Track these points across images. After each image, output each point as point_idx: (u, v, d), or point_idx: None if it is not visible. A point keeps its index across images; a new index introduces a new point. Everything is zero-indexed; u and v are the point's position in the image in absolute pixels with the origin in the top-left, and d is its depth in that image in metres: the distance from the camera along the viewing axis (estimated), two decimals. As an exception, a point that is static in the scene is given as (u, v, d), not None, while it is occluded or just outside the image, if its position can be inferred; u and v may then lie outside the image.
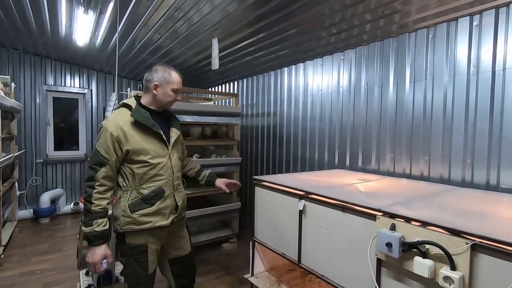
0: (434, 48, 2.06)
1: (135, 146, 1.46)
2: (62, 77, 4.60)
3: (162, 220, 1.52)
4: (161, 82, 1.52)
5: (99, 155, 1.42)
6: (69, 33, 3.25)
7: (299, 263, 1.65)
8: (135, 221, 1.46)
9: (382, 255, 1.18)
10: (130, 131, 1.46)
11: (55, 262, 2.96)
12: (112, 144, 1.42)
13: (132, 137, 1.45)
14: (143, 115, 1.48)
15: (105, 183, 1.43)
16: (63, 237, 3.68)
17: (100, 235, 1.40)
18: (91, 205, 1.39)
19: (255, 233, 2.03)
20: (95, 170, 1.42)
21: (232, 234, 3.45)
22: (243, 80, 4.15)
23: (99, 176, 1.41)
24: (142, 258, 1.49)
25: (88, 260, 1.41)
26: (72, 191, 4.75)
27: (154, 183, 1.50)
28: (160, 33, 2.91)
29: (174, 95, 1.56)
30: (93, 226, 1.39)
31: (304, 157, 3.10)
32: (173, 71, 1.55)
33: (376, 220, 1.21)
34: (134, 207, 1.46)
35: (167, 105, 1.60)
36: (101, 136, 1.44)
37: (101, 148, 1.42)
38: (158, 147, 1.52)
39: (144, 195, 1.48)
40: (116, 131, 1.43)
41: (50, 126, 4.58)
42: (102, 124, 1.47)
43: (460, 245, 0.96)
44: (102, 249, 1.42)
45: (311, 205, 1.58)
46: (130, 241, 1.48)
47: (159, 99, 1.54)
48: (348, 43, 2.57)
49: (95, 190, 1.40)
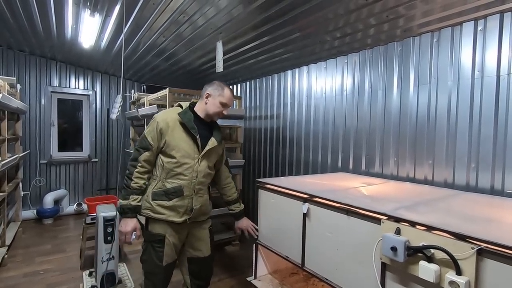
0: (438, 52, 2.06)
1: (171, 140, 1.63)
2: (67, 78, 4.64)
3: (175, 217, 1.65)
4: (213, 94, 1.70)
5: (145, 140, 1.63)
6: (75, 35, 3.29)
7: (302, 266, 1.65)
8: (152, 209, 1.64)
9: (387, 259, 1.17)
10: (173, 126, 1.64)
11: (58, 263, 2.97)
12: (157, 133, 1.62)
13: (173, 132, 1.63)
14: (187, 117, 1.66)
15: (145, 165, 1.63)
16: (66, 237, 3.70)
17: (134, 209, 1.60)
18: (131, 181, 1.61)
19: (259, 236, 2.03)
20: (139, 152, 1.63)
21: (235, 236, 3.45)
22: (246, 83, 4.17)
23: (142, 158, 1.61)
24: (159, 247, 1.64)
25: (121, 229, 1.60)
26: (76, 192, 4.77)
27: (177, 180, 1.65)
28: (164, 36, 2.93)
29: (221, 108, 1.71)
30: (129, 200, 1.59)
31: (307, 160, 3.10)
32: (226, 87, 1.73)
33: (381, 224, 1.21)
34: (155, 196, 1.64)
35: (213, 117, 1.74)
36: (151, 125, 1.66)
37: (148, 135, 1.63)
38: (190, 149, 1.66)
39: (167, 188, 1.64)
40: (162, 123, 1.63)
41: (54, 127, 4.61)
42: (154, 116, 1.69)
43: (466, 250, 0.96)
44: (134, 221, 1.62)
45: (315, 208, 1.58)
46: (151, 228, 1.66)
47: (208, 108, 1.71)
48: (352, 47, 2.58)
49: (136, 170, 1.61)
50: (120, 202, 1.61)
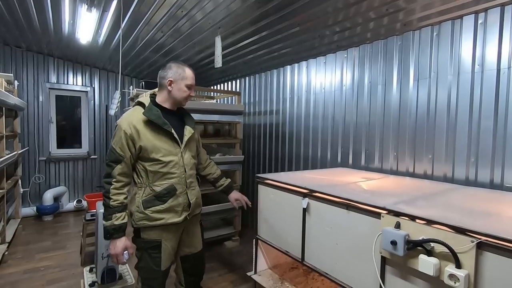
0: (438, 46, 2.05)
1: (146, 144, 1.50)
2: (65, 75, 4.61)
3: (174, 217, 1.56)
4: (176, 78, 1.56)
5: (114, 152, 1.48)
6: (72, 31, 3.26)
7: (302, 261, 1.66)
8: (148, 217, 1.51)
9: (386, 253, 1.18)
10: (142, 129, 1.50)
11: (58, 259, 2.98)
12: (126, 142, 1.47)
13: (144, 135, 1.50)
14: (154, 114, 1.51)
15: (121, 179, 1.48)
16: (66, 234, 3.70)
17: (119, 228, 1.45)
18: (109, 200, 1.45)
19: (258, 231, 2.03)
20: (111, 167, 1.47)
21: (234, 232, 3.45)
22: (245, 78, 4.15)
23: (115, 172, 1.46)
24: (156, 253, 1.54)
25: (110, 252, 1.47)
26: (75, 188, 4.77)
27: (166, 180, 1.54)
28: (162, 31, 2.91)
29: (188, 91, 1.60)
30: (112, 220, 1.44)
31: (307, 156, 3.10)
32: (186, 67, 1.59)
33: (381, 218, 1.22)
34: (147, 203, 1.52)
35: (182, 102, 1.63)
36: (116, 134, 1.50)
37: (116, 146, 1.48)
38: (169, 146, 1.56)
39: (157, 192, 1.52)
40: (130, 129, 1.48)
41: (53, 124, 4.60)
42: (117, 123, 1.53)
43: (466, 243, 0.96)
44: (122, 241, 1.47)
45: (315, 203, 1.58)
46: (145, 236, 1.54)
47: (174, 96, 1.58)
48: (352, 41, 2.56)
49: (112, 186, 1.46)
50: (103, 224, 1.46)
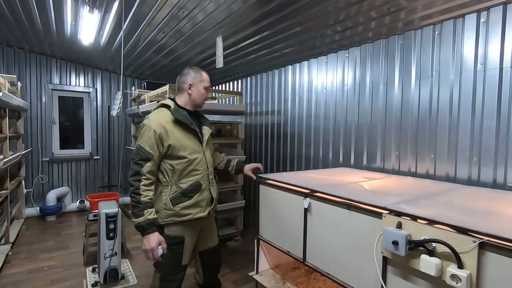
0: (440, 45, 2.04)
1: (175, 142, 1.60)
2: (68, 76, 4.63)
3: (200, 212, 1.67)
4: (195, 82, 1.71)
5: (144, 151, 1.54)
6: (74, 32, 3.27)
7: (304, 261, 1.65)
8: (176, 213, 1.61)
9: (388, 253, 1.17)
10: (171, 128, 1.60)
11: (62, 259, 2.99)
12: (156, 141, 1.55)
13: (173, 134, 1.60)
14: (182, 114, 1.64)
15: (149, 177, 1.55)
16: (70, 234, 3.72)
17: (152, 223, 1.50)
18: (140, 196, 1.50)
19: (260, 231, 2.03)
20: (140, 165, 1.53)
21: (237, 232, 3.46)
22: (247, 79, 4.15)
23: (145, 170, 1.53)
24: (178, 249, 1.63)
25: (146, 247, 1.49)
26: (78, 189, 4.79)
27: (192, 177, 1.65)
28: (164, 32, 2.91)
29: (206, 93, 1.75)
30: (145, 215, 1.48)
31: (309, 155, 3.10)
32: (202, 71, 1.75)
33: (382, 218, 1.21)
34: (175, 200, 1.61)
35: (200, 103, 1.77)
36: (145, 134, 1.56)
37: (145, 145, 1.54)
38: (194, 144, 1.68)
39: (183, 189, 1.63)
40: (159, 129, 1.56)
41: (55, 125, 4.62)
42: (145, 123, 1.60)
43: (468, 243, 0.95)
44: (156, 235, 1.51)
45: (316, 203, 1.58)
46: (169, 232, 1.61)
47: (194, 98, 1.72)
48: (353, 41, 2.56)
49: (142, 183, 1.52)
50: (135, 221, 1.49)
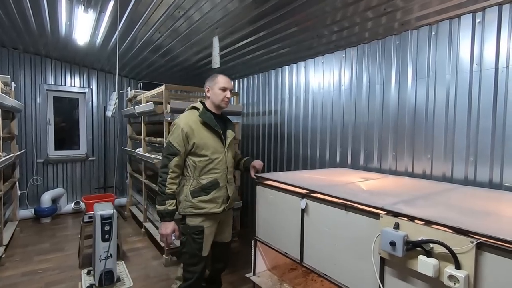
0: (436, 46, 2.04)
1: (199, 141, 1.77)
2: (62, 76, 4.59)
3: (215, 208, 1.81)
4: (211, 85, 1.87)
5: (172, 147, 1.74)
6: (69, 32, 3.24)
7: (301, 262, 1.65)
8: (194, 206, 1.78)
9: (385, 254, 1.17)
10: (197, 128, 1.78)
11: (57, 262, 2.96)
12: (183, 138, 1.74)
13: (198, 134, 1.77)
14: (207, 116, 1.81)
15: (176, 170, 1.75)
16: (65, 236, 3.68)
17: (171, 213, 1.73)
18: (165, 187, 1.72)
19: (257, 232, 2.02)
20: (169, 159, 1.73)
21: (234, 232, 3.43)
22: (244, 79, 4.14)
23: (172, 164, 1.73)
24: (199, 238, 1.78)
25: (161, 232, 1.75)
26: (73, 190, 4.75)
27: (211, 175, 1.80)
28: (160, 31, 2.89)
29: (223, 93, 1.85)
30: (166, 205, 1.72)
31: (306, 156, 3.09)
32: (219, 75, 1.89)
33: (380, 219, 1.21)
34: (194, 193, 1.78)
35: (221, 104, 1.87)
36: (175, 131, 1.77)
37: (174, 141, 1.75)
38: (217, 145, 1.83)
39: (203, 184, 1.79)
40: (186, 128, 1.75)
41: (50, 126, 4.58)
42: (176, 122, 1.81)
43: (465, 243, 0.95)
44: (172, 224, 1.75)
45: (313, 204, 1.57)
46: (190, 222, 1.79)
47: (213, 100, 1.87)
48: (350, 41, 2.56)
49: (169, 176, 1.72)
50: (157, 208, 1.73)
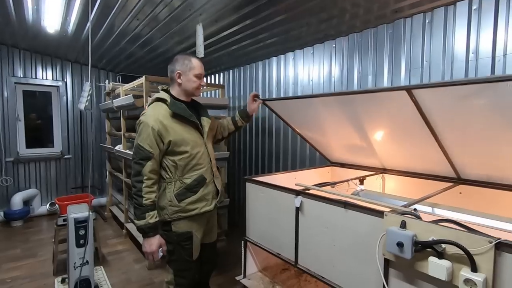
0: (431, 34, 1.97)
1: (176, 137, 1.53)
2: (33, 68, 4.26)
3: (206, 206, 1.63)
4: (183, 70, 1.59)
5: (143, 150, 1.48)
6: (37, 19, 2.96)
7: (296, 264, 1.54)
8: (183, 209, 1.56)
9: (391, 255, 1.07)
10: (170, 124, 1.53)
11: (28, 269, 2.72)
12: (155, 138, 1.49)
13: (172, 129, 1.53)
14: (179, 107, 1.57)
15: (151, 176, 1.50)
16: (39, 240, 3.43)
17: (154, 227, 1.50)
18: (142, 199, 1.47)
19: (247, 232, 1.90)
20: (141, 165, 1.48)
21: (221, 232, 3.30)
22: (230, 71, 3.98)
23: (146, 170, 1.48)
24: (188, 244, 1.60)
25: (146, 250, 1.52)
26: (48, 191, 4.45)
27: (196, 172, 1.60)
28: (138, 18, 2.68)
29: (198, 81, 1.62)
30: (147, 219, 1.47)
31: (295, 151, 2.99)
32: (193, 57, 1.63)
33: (384, 217, 1.11)
34: (180, 196, 1.56)
35: (194, 92, 1.66)
36: (143, 131, 1.50)
37: (144, 143, 1.49)
38: (195, 137, 1.61)
39: (188, 184, 1.57)
40: (157, 125, 1.49)
41: (20, 122, 4.24)
42: (142, 120, 1.53)
43: (482, 244, 0.86)
44: (157, 238, 1.52)
45: (309, 201, 1.46)
46: (177, 228, 1.58)
47: (185, 87, 1.62)
48: (340, 30, 2.45)
49: (144, 184, 1.48)
50: (136, 224, 1.50)
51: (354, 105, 1.59)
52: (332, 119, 1.82)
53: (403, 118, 1.45)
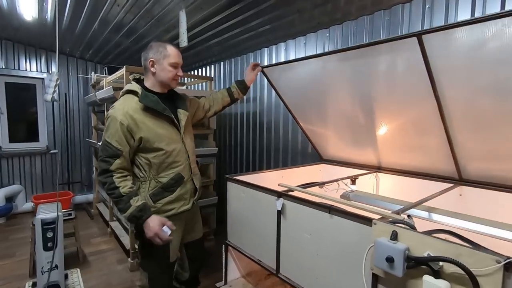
0: (431, 21, 1.80)
1: (148, 133, 1.39)
2: (15, 59, 4.07)
3: (184, 206, 1.51)
4: (157, 58, 1.44)
5: (111, 147, 1.34)
6: (12, 4, 2.78)
7: (277, 273, 1.39)
8: (158, 210, 1.43)
9: (380, 271, 0.92)
10: (140, 118, 1.38)
11: (4, 270, 2.58)
12: (124, 134, 1.35)
13: (144, 124, 1.39)
14: (151, 100, 1.40)
15: (121, 171, 1.37)
16: (19, 239, 3.28)
17: (144, 208, 1.34)
18: (118, 189, 1.33)
19: (228, 235, 1.75)
20: (108, 163, 1.34)
21: (209, 231, 3.17)
22: (220, 64, 3.80)
23: (114, 167, 1.34)
24: (165, 246, 1.44)
25: (149, 235, 1.33)
26: (33, 187, 4.29)
27: (172, 170, 1.46)
28: (119, 4, 2.50)
29: (174, 70, 1.46)
30: (133, 204, 1.33)
31: (286, 147, 2.83)
32: (169, 45, 1.47)
33: (373, 225, 0.95)
34: (155, 196, 1.43)
35: (170, 84, 1.50)
36: (110, 126, 1.36)
37: (112, 139, 1.34)
38: (171, 133, 1.47)
39: (164, 183, 1.44)
40: (126, 119, 1.35)
41: (3, 115, 4.07)
42: (110, 114, 1.38)
43: (488, 263, 0.71)
44: (155, 218, 1.35)
45: (291, 204, 1.31)
46: None
47: (159, 77, 1.46)
48: (334, 18, 2.28)
49: (115, 176, 1.34)
50: (125, 216, 1.34)
51: (358, 63, 1.48)
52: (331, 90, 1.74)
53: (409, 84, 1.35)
